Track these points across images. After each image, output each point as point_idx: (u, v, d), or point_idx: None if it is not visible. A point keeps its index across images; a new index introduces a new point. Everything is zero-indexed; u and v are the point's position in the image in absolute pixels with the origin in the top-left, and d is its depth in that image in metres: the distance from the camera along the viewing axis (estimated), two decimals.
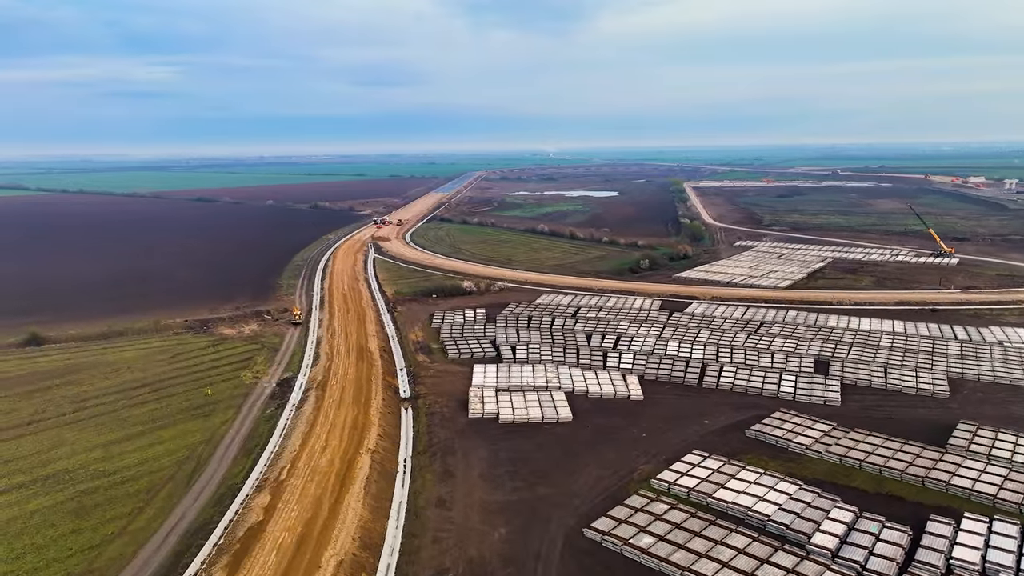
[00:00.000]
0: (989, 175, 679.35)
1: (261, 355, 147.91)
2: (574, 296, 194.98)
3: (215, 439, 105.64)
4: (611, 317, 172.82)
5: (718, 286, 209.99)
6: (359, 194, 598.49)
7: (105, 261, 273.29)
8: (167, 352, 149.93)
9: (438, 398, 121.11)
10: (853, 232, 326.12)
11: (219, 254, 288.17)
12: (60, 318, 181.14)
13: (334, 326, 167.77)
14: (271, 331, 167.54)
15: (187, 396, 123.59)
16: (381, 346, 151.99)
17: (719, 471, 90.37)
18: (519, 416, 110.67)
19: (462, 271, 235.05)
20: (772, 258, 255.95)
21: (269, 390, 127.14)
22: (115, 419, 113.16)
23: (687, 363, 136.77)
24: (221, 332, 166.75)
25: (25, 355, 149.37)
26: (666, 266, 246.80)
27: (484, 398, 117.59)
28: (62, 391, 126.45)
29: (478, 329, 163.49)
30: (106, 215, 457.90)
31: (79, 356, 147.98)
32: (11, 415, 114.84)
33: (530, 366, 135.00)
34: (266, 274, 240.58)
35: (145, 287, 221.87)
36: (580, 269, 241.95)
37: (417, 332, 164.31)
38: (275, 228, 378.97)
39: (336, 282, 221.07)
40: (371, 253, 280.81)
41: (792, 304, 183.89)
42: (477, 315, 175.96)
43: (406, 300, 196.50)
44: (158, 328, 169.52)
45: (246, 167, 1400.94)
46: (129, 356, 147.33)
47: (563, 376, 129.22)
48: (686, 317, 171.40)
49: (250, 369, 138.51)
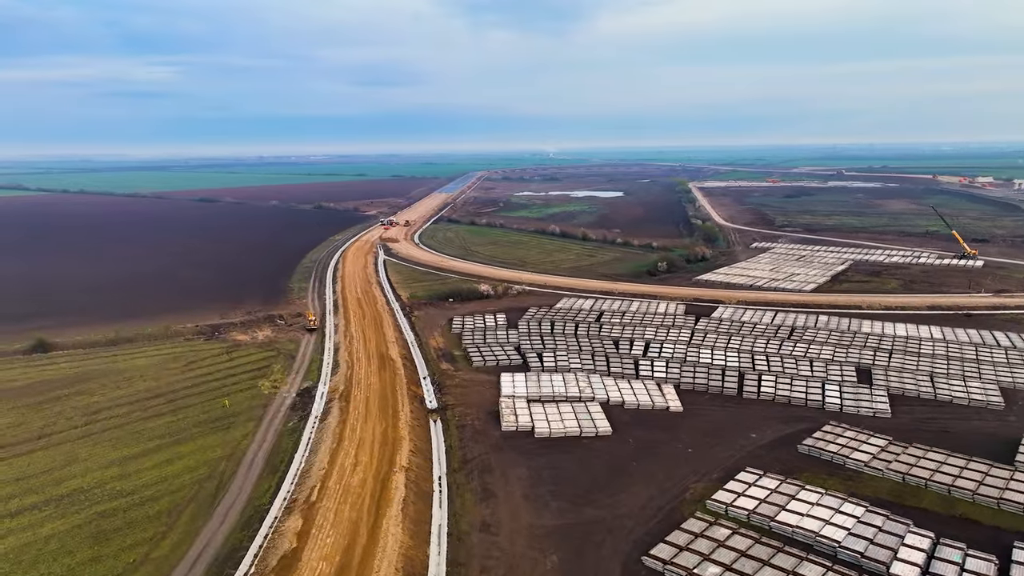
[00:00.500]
0: (994, 175, 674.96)
1: (278, 363, 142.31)
2: (595, 300, 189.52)
3: (237, 454, 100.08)
4: (636, 322, 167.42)
5: (741, 289, 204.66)
6: (362, 194, 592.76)
7: (109, 263, 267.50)
8: (180, 359, 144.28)
9: (467, 409, 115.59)
10: (870, 233, 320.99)
11: (225, 256, 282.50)
12: (66, 323, 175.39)
13: (351, 332, 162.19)
14: (286, 337, 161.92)
15: (204, 407, 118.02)
16: (402, 353, 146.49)
17: (777, 491, 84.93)
18: (556, 430, 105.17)
19: (476, 274, 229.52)
20: (791, 260, 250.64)
21: (289, 401, 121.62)
22: (130, 433, 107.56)
23: (723, 372, 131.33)
24: (234, 338, 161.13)
25: (32, 363, 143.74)
26: (684, 268, 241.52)
27: (516, 410, 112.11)
28: (72, 402, 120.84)
29: (500, 335, 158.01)
30: (108, 216, 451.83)
31: (88, 364, 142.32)
32: (20, 428, 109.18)
33: (560, 375, 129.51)
34: (275, 277, 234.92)
35: (151, 290, 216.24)
36: (597, 272, 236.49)
37: (437, 338, 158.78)
38: (280, 229, 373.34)
39: (348, 285, 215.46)
40: (381, 255, 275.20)
41: (821, 308, 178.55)
42: (498, 320, 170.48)
43: (422, 304, 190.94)
44: (168, 334, 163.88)
45: (246, 167, 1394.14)
46: (140, 364, 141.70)
47: (596, 386, 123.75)
48: (714, 322, 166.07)
49: (267, 378, 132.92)
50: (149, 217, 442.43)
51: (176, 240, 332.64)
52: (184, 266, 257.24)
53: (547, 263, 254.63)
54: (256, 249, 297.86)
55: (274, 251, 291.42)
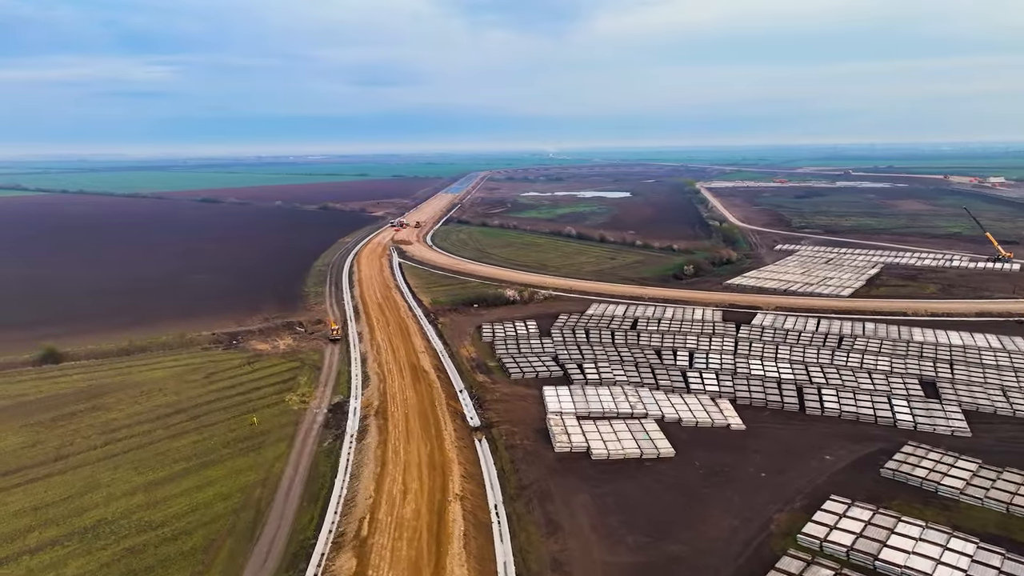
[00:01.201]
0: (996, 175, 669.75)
1: (303, 375, 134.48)
2: (626, 306, 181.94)
3: (272, 479, 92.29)
4: (674, 330, 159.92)
5: (775, 294, 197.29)
6: (366, 195, 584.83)
7: (114, 265, 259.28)
8: (199, 371, 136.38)
9: (513, 427, 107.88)
10: (892, 235, 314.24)
11: (235, 259, 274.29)
12: (74, 330, 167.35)
13: (377, 340, 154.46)
14: (308, 346, 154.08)
15: (230, 425, 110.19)
16: (434, 364, 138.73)
17: (872, 523, 77.40)
18: (614, 451, 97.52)
19: (498, 278, 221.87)
20: (820, 263, 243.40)
21: (321, 417, 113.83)
22: (153, 454, 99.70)
23: (779, 385, 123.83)
24: (254, 347, 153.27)
25: (43, 374, 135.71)
26: (711, 272, 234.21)
27: (567, 428, 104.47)
28: (89, 419, 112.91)
29: (534, 344, 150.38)
30: (110, 216, 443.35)
31: (102, 376, 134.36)
32: (36, 449, 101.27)
33: (606, 389, 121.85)
34: (289, 281, 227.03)
35: (161, 294, 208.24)
36: (620, 275, 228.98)
37: (468, 347, 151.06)
38: (288, 230, 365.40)
39: (367, 290, 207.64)
40: (395, 257, 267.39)
41: (864, 315, 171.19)
42: (529, 328, 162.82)
43: (446, 310, 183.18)
44: (184, 342, 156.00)
45: (245, 167, 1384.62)
46: (158, 376, 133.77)
47: (647, 401, 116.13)
48: (756, 330, 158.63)
49: (295, 392, 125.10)
50: (151, 218, 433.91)
51: (182, 242, 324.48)
52: (192, 269, 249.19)
53: (568, 266, 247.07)
54: (266, 252, 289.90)
55: (284, 253, 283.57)
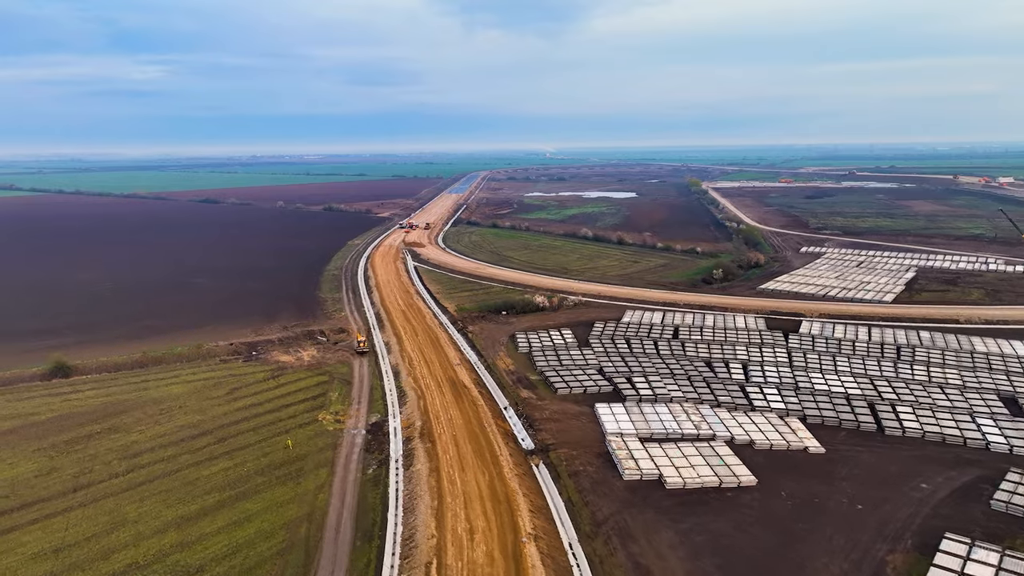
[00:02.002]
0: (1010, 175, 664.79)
1: (334, 390, 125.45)
2: (663, 313, 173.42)
3: (317, 514, 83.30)
4: (720, 339, 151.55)
5: (814, 300, 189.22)
6: (370, 195, 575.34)
7: (117, 269, 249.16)
8: (221, 386, 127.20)
9: (572, 451, 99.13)
10: (915, 236, 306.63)
11: (242, 262, 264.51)
12: (82, 340, 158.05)
13: (408, 351, 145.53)
14: (334, 358, 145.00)
15: (262, 448, 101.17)
16: (472, 378, 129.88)
17: (1004, 568, 68.87)
18: (689, 479, 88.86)
19: (521, 282, 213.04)
20: (851, 266, 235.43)
21: (360, 439, 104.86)
22: (181, 483, 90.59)
23: (848, 401, 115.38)
24: (276, 359, 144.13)
25: (53, 390, 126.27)
26: (740, 276, 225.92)
27: (632, 452, 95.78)
28: (107, 441, 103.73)
29: (575, 355, 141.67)
30: (109, 217, 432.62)
31: (117, 391, 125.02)
32: (52, 478, 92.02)
33: (663, 406, 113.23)
34: (303, 286, 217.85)
35: (169, 301, 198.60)
36: (647, 280, 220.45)
37: (504, 358, 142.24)
38: (294, 232, 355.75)
39: (387, 296, 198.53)
40: (410, 261, 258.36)
41: (914, 322, 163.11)
42: (566, 337, 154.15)
43: (474, 317, 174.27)
44: (200, 354, 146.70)
45: (241, 166, 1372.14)
46: (177, 391, 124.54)
47: (711, 420, 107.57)
48: (806, 340, 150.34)
49: (327, 409, 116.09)
50: (152, 219, 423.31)
51: (185, 244, 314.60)
52: (200, 273, 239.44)
53: (591, 270, 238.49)
54: (274, 255, 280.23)
55: (294, 257, 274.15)
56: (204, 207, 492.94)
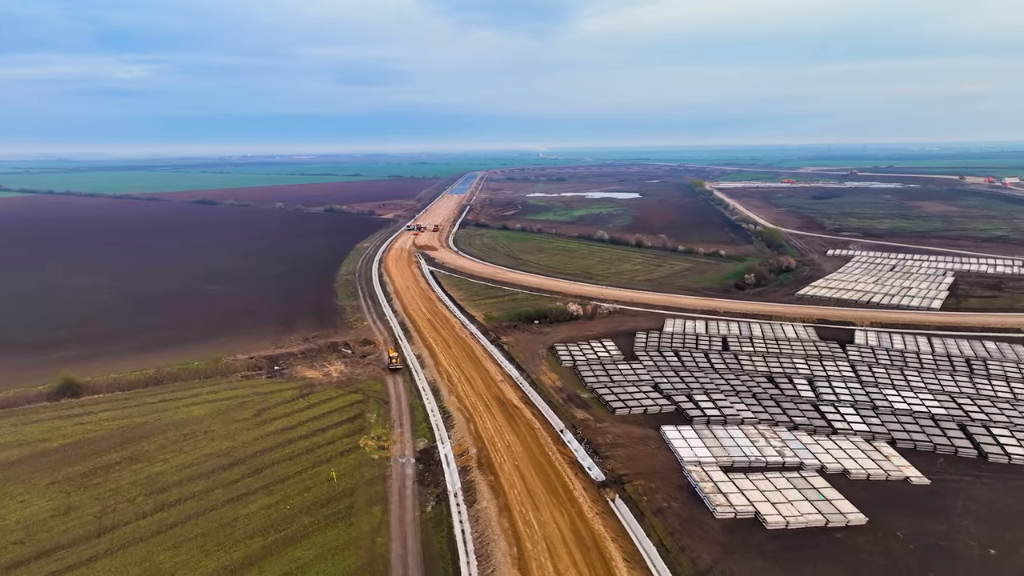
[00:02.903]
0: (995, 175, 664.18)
1: (371, 411, 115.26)
2: (704, 321, 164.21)
3: (379, 563, 73.29)
4: (774, 351, 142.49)
5: (857, 307, 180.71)
6: (369, 196, 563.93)
7: (118, 275, 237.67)
8: (246, 406, 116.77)
9: (649, 483, 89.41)
10: (940, 238, 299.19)
11: (248, 266, 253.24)
12: (88, 353, 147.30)
13: (443, 366, 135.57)
14: (365, 373, 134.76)
15: (303, 480, 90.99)
16: (520, 396, 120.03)
17: None
18: (791, 518, 79.32)
19: (546, 288, 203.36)
20: (885, 270, 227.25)
21: (410, 470, 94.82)
22: (218, 524, 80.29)
23: (936, 422, 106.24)
24: (302, 374, 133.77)
25: (63, 411, 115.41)
26: (773, 281, 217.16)
27: (719, 485, 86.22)
28: (128, 473, 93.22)
29: (624, 369, 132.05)
30: (103, 219, 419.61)
31: (134, 413, 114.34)
32: (71, 518, 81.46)
33: (737, 429, 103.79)
34: (318, 292, 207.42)
35: (177, 309, 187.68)
36: (679, 285, 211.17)
37: (548, 373, 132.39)
38: (298, 234, 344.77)
39: (408, 303, 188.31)
40: (424, 265, 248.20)
41: (973, 331, 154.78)
42: (609, 349, 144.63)
43: (505, 327, 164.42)
44: (219, 369, 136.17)
45: (232, 166, 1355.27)
46: (199, 413, 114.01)
47: (794, 446, 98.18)
48: (865, 351, 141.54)
49: (368, 434, 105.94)
50: (148, 221, 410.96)
51: (187, 247, 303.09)
52: (207, 278, 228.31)
53: (616, 275, 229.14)
54: (281, 259, 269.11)
55: (302, 260, 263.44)
56: (201, 208, 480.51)
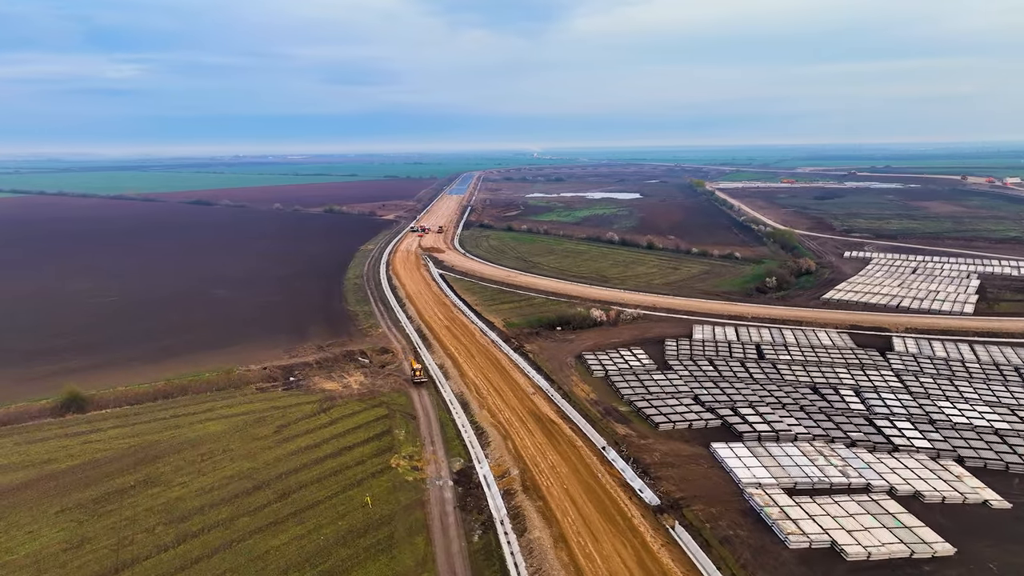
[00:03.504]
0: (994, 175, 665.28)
1: (398, 426, 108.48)
2: (734, 327, 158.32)
3: None
4: (811, 359, 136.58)
5: (885, 311, 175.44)
6: (367, 197, 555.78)
7: (119, 278, 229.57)
8: (265, 422, 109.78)
9: (708, 507, 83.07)
10: (955, 240, 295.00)
11: (251, 270, 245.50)
12: (92, 364, 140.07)
13: (469, 377, 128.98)
14: (386, 385, 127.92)
15: (334, 506, 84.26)
16: (554, 410, 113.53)
17: None
18: (872, 548, 73.18)
19: (563, 292, 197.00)
20: (907, 273, 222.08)
21: (449, 493, 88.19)
22: (247, 559, 73.50)
23: (1001, 438, 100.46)
24: (320, 387, 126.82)
25: (68, 428, 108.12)
26: (794, 284, 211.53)
27: (786, 510, 79.97)
28: (144, 498, 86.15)
29: (659, 379, 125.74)
30: (98, 220, 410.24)
31: (145, 430, 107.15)
32: (86, 552, 74.38)
33: (792, 447, 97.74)
34: (327, 296, 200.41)
35: (181, 315, 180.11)
36: (699, 289, 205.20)
37: (580, 384, 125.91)
38: (299, 236, 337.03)
39: (423, 309, 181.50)
40: (433, 267, 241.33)
41: (1013, 337, 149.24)
42: (640, 358, 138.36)
43: (526, 334, 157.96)
44: (232, 381, 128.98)
45: (225, 166, 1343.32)
46: (216, 430, 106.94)
47: (856, 465, 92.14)
48: (907, 359, 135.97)
49: (398, 452, 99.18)
50: (145, 221, 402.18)
51: (186, 248, 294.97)
52: (210, 282, 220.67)
53: (632, 278, 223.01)
54: (285, 260, 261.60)
55: (306, 263, 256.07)
56: (197, 209, 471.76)
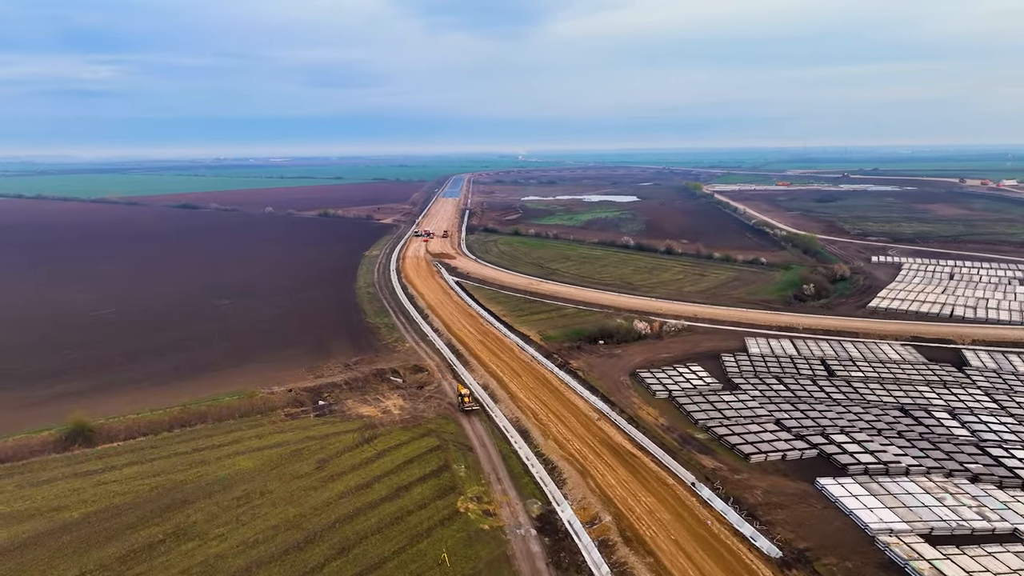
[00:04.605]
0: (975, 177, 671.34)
1: (455, 460, 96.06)
2: (790, 340, 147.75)
3: None
4: (887, 376, 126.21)
5: (939, 321, 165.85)
6: (359, 200, 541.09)
7: (114, 288, 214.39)
8: (303, 456, 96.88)
9: (841, 560, 71.77)
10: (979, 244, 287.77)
11: (254, 278, 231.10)
12: (96, 386, 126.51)
13: (520, 400, 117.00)
14: (430, 409, 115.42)
15: (404, 564, 71.97)
16: (627, 438, 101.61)
17: None
18: None
19: (595, 302, 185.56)
20: (944, 279, 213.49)
21: (535, 545, 76.05)
22: None
23: None
24: (357, 412, 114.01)
25: (77, 466, 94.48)
26: (832, 292, 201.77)
27: (936, 564, 68.65)
28: (179, 557, 73.07)
29: (731, 401, 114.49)
30: (82, 225, 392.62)
31: (166, 467, 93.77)
32: None
33: (909, 482, 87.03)
34: (341, 308, 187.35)
35: (190, 329, 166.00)
36: (735, 297, 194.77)
37: (644, 407, 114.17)
38: (295, 241, 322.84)
39: (450, 321, 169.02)
40: (446, 274, 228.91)
41: None
42: (701, 376, 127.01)
43: (566, 348, 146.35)
44: (256, 405, 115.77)
45: (207, 169, 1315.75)
46: (247, 467, 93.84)
47: (991, 504, 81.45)
48: (991, 376, 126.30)
49: (463, 493, 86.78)
50: (131, 227, 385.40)
51: (181, 255, 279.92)
52: (210, 291, 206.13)
53: (659, 285, 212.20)
54: (286, 268, 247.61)
55: (310, 271, 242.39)
56: (186, 213, 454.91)
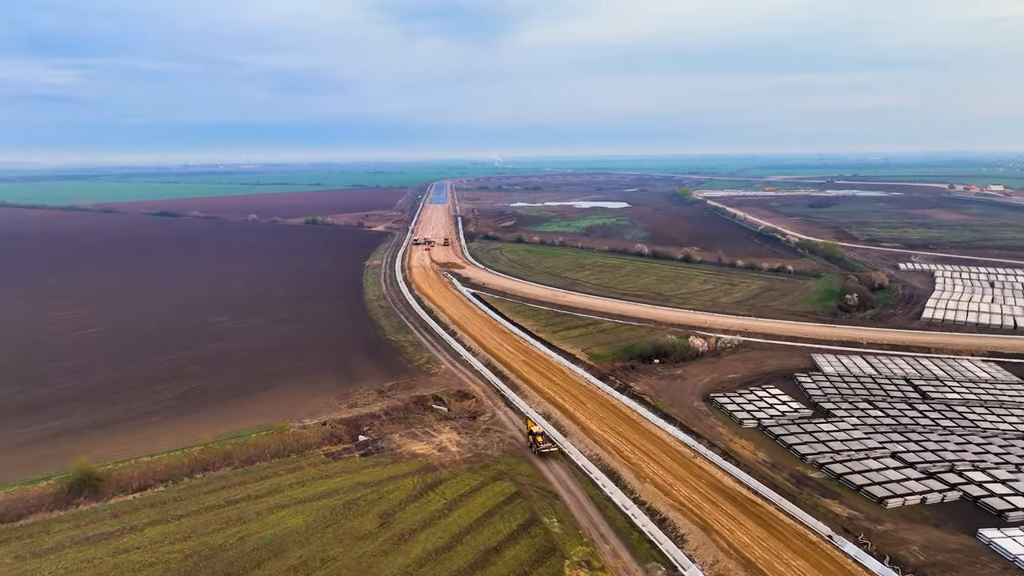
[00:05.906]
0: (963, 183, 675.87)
1: (543, 513, 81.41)
2: (861, 357, 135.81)
3: None
4: (986, 399, 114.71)
5: (1002, 333, 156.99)
6: (344, 207, 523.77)
7: (101, 304, 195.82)
8: (359, 508, 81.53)
9: None
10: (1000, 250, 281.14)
11: (252, 291, 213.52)
12: (95, 421, 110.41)
13: (596, 433, 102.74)
14: (491, 445, 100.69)
15: None
16: (735, 480, 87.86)
17: None
18: None
19: (632, 315, 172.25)
20: (986, 287, 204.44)
21: None
22: None
23: None
24: (408, 449, 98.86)
25: (87, 527, 78.00)
26: (875, 303, 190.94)
27: None
28: None
29: (831, 431, 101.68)
30: (54, 234, 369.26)
31: (197, 527, 77.73)
32: None
33: None
34: (356, 324, 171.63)
35: (194, 351, 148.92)
36: (777, 308, 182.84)
37: (736, 440, 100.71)
38: (289, 251, 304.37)
39: (482, 339, 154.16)
40: (460, 286, 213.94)
41: None
42: (784, 400, 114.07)
43: (619, 368, 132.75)
44: (288, 443, 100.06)
45: (176, 175, 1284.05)
46: (296, 525, 78.24)
47: None
48: None
49: (566, 556, 72.40)
50: (108, 236, 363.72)
51: (167, 266, 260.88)
52: (207, 307, 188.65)
53: (689, 296, 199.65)
54: (284, 280, 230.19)
55: (310, 283, 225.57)
56: (165, 221, 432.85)
